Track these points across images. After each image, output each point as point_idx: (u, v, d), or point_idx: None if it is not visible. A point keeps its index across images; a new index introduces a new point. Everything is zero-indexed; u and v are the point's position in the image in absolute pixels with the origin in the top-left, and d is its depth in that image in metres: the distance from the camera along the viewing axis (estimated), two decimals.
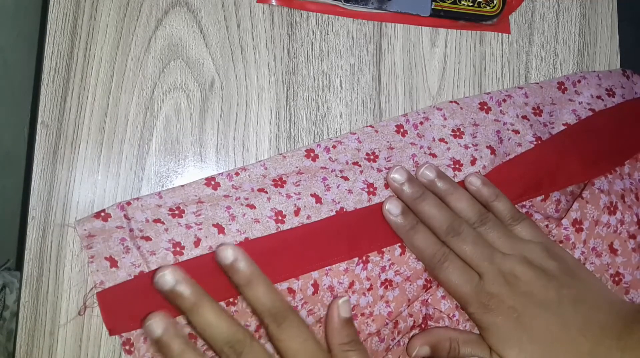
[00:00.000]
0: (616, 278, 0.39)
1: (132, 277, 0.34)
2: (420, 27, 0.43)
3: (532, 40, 0.45)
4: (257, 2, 0.40)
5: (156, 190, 0.37)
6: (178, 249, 0.35)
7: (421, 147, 0.40)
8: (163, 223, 0.35)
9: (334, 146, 0.39)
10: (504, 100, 0.42)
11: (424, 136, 0.40)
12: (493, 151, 0.40)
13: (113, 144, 0.38)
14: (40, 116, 0.37)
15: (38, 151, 0.37)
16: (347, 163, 0.39)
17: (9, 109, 0.57)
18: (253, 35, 0.40)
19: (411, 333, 0.37)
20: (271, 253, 0.35)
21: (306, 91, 0.41)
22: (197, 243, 0.35)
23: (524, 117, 0.42)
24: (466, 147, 0.40)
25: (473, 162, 0.39)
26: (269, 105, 0.40)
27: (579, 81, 0.44)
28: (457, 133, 0.40)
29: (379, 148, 0.39)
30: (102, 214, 0.35)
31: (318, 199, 0.37)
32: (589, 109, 0.43)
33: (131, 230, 0.35)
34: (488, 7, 0.43)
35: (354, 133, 0.40)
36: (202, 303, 0.30)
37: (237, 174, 0.37)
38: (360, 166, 0.39)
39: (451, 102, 0.41)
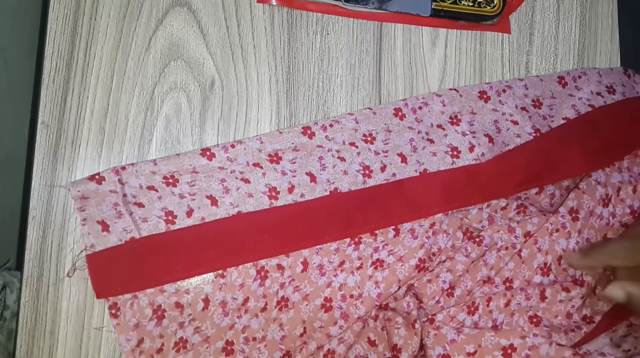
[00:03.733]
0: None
1: (123, 242, 0.34)
2: (420, 27, 0.43)
3: (533, 40, 0.45)
4: (257, 2, 0.40)
5: None
6: (170, 218, 0.35)
7: (419, 132, 0.40)
8: (157, 190, 0.35)
9: (330, 125, 0.39)
10: (504, 90, 0.42)
11: (422, 121, 0.40)
12: (491, 140, 0.40)
13: (113, 144, 0.38)
14: (41, 116, 0.37)
15: (38, 151, 0.37)
16: (343, 143, 0.39)
17: (9, 109, 0.57)
18: (253, 35, 0.40)
19: (393, 316, 0.37)
20: (263, 229, 0.35)
21: (306, 91, 0.41)
22: (189, 213, 0.35)
23: (523, 108, 0.42)
24: (463, 134, 0.40)
25: (471, 149, 0.40)
26: (269, 105, 0.40)
27: (580, 77, 0.44)
28: (454, 120, 0.40)
29: (376, 130, 0.40)
30: (97, 177, 0.35)
31: (313, 178, 0.37)
32: (589, 106, 0.43)
33: (124, 195, 0.35)
34: (488, 7, 0.43)
35: (352, 114, 0.40)
36: None
37: (232, 146, 0.37)
38: (357, 146, 0.39)
39: (451, 89, 0.42)
